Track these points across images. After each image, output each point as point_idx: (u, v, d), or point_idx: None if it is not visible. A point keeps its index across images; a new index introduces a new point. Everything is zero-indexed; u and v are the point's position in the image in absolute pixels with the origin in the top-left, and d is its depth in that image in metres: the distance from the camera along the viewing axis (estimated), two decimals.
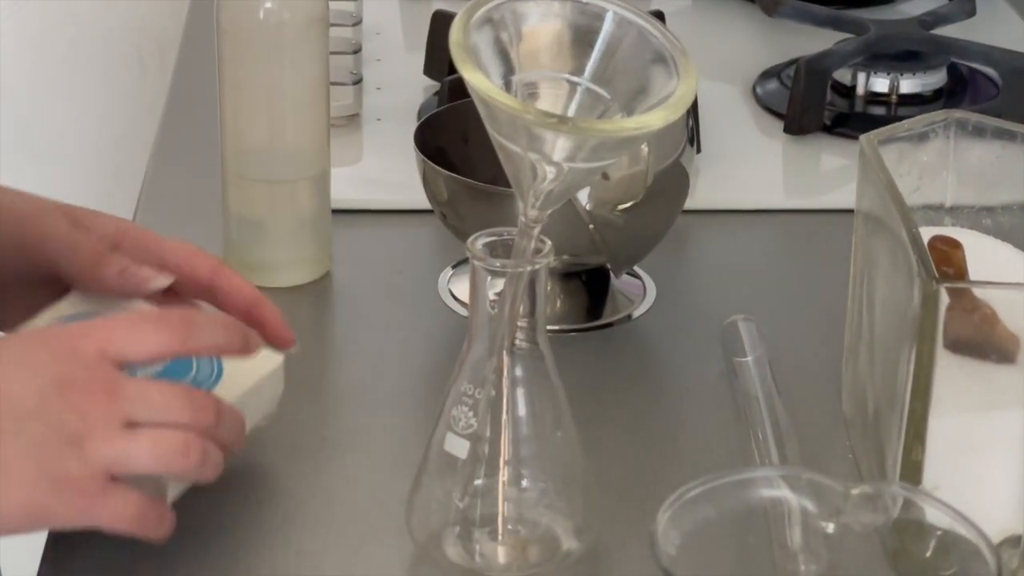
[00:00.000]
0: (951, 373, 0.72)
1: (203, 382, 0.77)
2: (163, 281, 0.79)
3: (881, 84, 1.20)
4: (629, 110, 0.68)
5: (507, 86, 0.67)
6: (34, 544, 0.78)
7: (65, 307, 0.80)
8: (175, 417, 0.70)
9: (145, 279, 0.79)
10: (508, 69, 0.68)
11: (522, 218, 0.69)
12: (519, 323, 0.72)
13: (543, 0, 0.69)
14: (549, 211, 0.69)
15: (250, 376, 0.78)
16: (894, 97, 1.20)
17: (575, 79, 0.69)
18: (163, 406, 0.70)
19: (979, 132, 0.83)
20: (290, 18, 0.94)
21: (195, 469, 0.70)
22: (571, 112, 0.68)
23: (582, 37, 0.69)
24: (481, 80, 0.65)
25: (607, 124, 0.67)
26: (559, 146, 0.65)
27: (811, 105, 1.16)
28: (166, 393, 0.71)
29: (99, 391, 0.69)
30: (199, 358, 0.78)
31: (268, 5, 0.93)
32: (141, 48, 1.71)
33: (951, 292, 0.71)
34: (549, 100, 0.68)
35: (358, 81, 1.17)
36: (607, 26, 0.69)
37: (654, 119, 0.65)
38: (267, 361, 0.80)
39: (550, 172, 0.66)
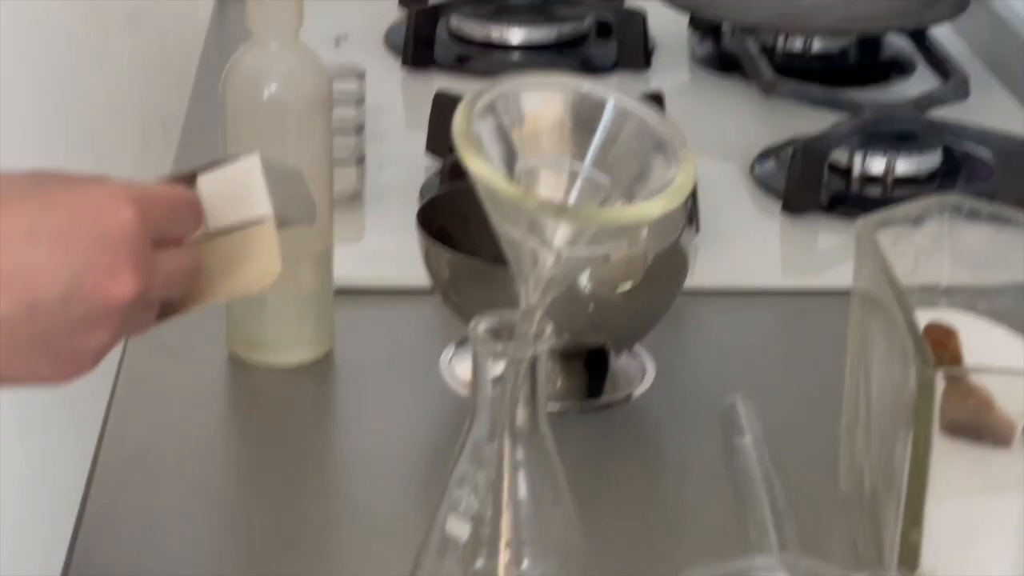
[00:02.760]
0: (948, 457, 0.73)
1: None
2: None
3: (877, 165, 1.21)
4: (629, 196, 0.69)
5: (509, 173, 0.68)
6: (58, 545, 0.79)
7: None
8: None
9: None
10: (510, 155, 0.69)
11: (523, 303, 0.70)
12: (520, 405, 0.73)
13: (545, 90, 0.70)
14: (550, 296, 0.69)
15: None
16: (890, 178, 1.21)
17: (576, 166, 0.70)
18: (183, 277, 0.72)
19: (973, 216, 0.84)
20: (294, 100, 0.95)
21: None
22: (572, 198, 0.69)
23: (583, 125, 0.70)
24: (483, 168, 0.66)
25: (606, 212, 0.67)
26: (559, 233, 0.66)
27: (808, 185, 1.18)
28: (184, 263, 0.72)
29: (127, 277, 0.69)
30: None
31: (272, 88, 0.95)
32: (144, 123, 1.72)
33: (947, 377, 0.71)
34: (550, 186, 0.69)
35: (361, 160, 1.18)
36: (608, 115, 0.70)
37: (653, 208, 0.66)
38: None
39: (550, 258, 0.67)
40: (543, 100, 0.70)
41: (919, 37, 1.39)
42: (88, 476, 0.90)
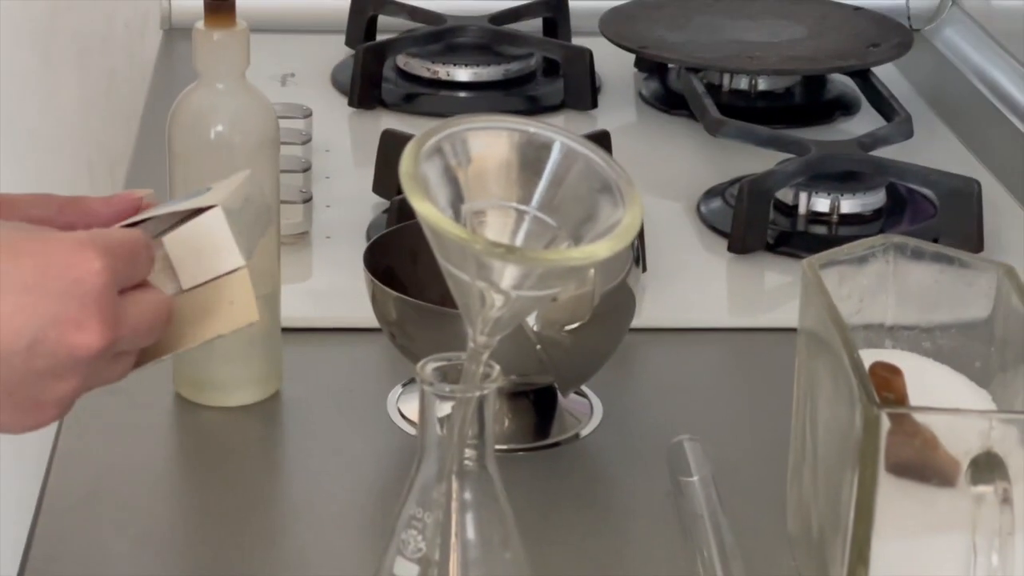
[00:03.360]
0: (893, 497, 0.73)
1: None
2: (146, 190, 0.79)
3: (822, 204, 1.22)
4: (577, 238, 0.69)
5: (456, 215, 0.68)
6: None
7: None
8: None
9: (134, 194, 0.78)
10: (457, 197, 0.69)
11: (471, 343, 0.70)
12: (468, 446, 0.73)
13: (492, 131, 0.70)
14: (498, 337, 0.69)
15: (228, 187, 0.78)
16: (835, 217, 1.22)
17: (523, 208, 0.70)
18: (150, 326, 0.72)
19: (917, 256, 0.85)
20: (241, 139, 0.95)
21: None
22: (519, 240, 0.69)
23: (530, 166, 0.70)
24: (430, 210, 0.66)
25: (554, 254, 0.68)
26: (507, 275, 0.66)
27: (754, 224, 1.18)
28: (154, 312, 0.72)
29: (94, 329, 0.68)
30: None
31: (219, 128, 0.95)
32: (92, 162, 1.72)
33: (892, 417, 0.72)
34: (497, 228, 0.69)
35: (308, 199, 1.18)
36: (555, 156, 0.70)
37: (600, 249, 0.66)
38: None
39: (498, 300, 0.67)
40: (490, 141, 0.70)
41: (863, 77, 1.40)
42: (33, 519, 0.89)
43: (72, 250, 0.69)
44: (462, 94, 1.43)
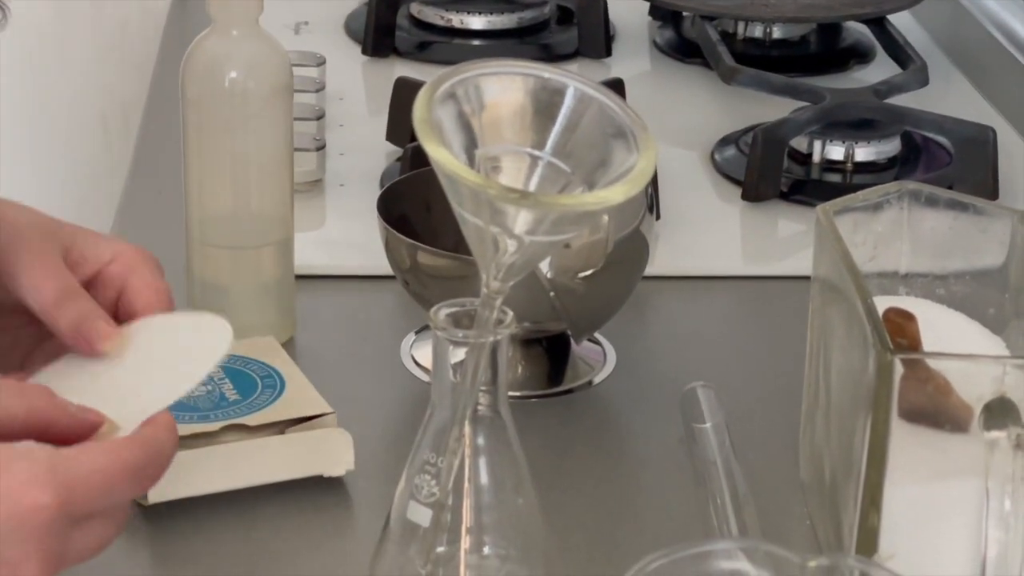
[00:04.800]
0: (906, 442, 0.73)
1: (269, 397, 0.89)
2: (111, 347, 0.72)
3: (837, 152, 1.22)
4: (590, 183, 0.69)
5: (470, 160, 0.68)
6: None
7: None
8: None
9: (96, 339, 0.72)
10: (471, 143, 0.69)
11: (484, 289, 0.70)
12: (481, 392, 0.73)
13: (506, 75, 0.70)
14: (511, 282, 0.70)
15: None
16: (849, 165, 1.22)
17: (537, 153, 0.70)
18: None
19: (932, 202, 0.85)
20: (255, 87, 0.95)
21: None
22: (533, 186, 0.69)
23: (544, 111, 0.70)
24: (444, 155, 0.66)
25: (568, 199, 0.68)
26: (521, 220, 0.66)
27: (768, 172, 1.18)
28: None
29: (32, 571, 0.63)
30: (262, 376, 0.90)
31: (233, 74, 0.94)
32: (105, 111, 1.72)
33: (905, 363, 0.72)
34: (511, 174, 0.69)
35: (321, 147, 1.18)
36: (568, 101, 0.70)
37: (614, 194, 0.66)
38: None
39: (512, 245, 0.67)
40: (504, 86, 0.70)
41: (879, 24, 1.40)
42: None
43: (24, 484, 0.63)
44: (476, 42, 1.43)
